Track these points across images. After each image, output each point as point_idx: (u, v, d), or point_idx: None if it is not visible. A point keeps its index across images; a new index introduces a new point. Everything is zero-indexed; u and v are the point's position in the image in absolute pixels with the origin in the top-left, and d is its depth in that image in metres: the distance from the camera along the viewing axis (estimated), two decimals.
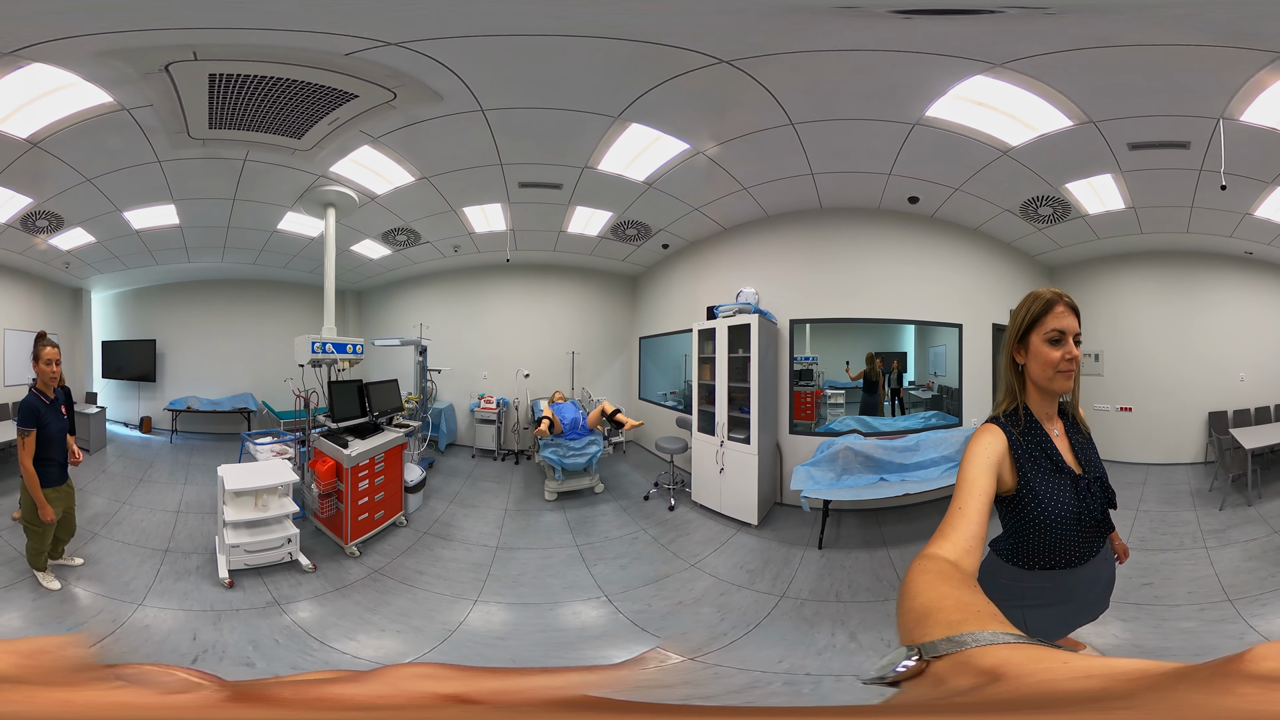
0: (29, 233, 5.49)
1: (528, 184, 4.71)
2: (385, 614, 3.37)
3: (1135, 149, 3.81)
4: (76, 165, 4.19)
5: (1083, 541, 1.40)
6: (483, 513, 5.13)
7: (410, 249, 6.52)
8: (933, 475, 4.59)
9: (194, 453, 6.74)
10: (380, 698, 0.27)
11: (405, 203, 5.19)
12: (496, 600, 3.49)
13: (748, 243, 5.67)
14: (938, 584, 0.64)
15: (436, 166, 4.46)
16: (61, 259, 6.26)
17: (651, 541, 4.45)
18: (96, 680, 0.27)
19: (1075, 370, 1.36)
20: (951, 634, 0.44)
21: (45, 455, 3.31)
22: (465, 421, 7.42)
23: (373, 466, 4.41)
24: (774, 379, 5.21)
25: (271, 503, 3.77)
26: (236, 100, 3.25)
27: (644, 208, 5.21)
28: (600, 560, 4.08)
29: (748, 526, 4.66)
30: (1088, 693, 0.29)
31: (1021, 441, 1.35)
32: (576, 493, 5.48)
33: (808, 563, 3.94)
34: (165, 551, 3.99)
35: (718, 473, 5.01)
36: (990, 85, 3.14)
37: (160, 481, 5.67)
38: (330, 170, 4.37)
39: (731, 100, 3.32)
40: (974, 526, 1.01)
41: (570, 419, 5.59)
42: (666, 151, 4.09)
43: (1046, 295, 1.37)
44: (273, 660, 2.87)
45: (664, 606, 3.39)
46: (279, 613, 3.29)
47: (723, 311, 5.10)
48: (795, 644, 2.91)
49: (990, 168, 4.17)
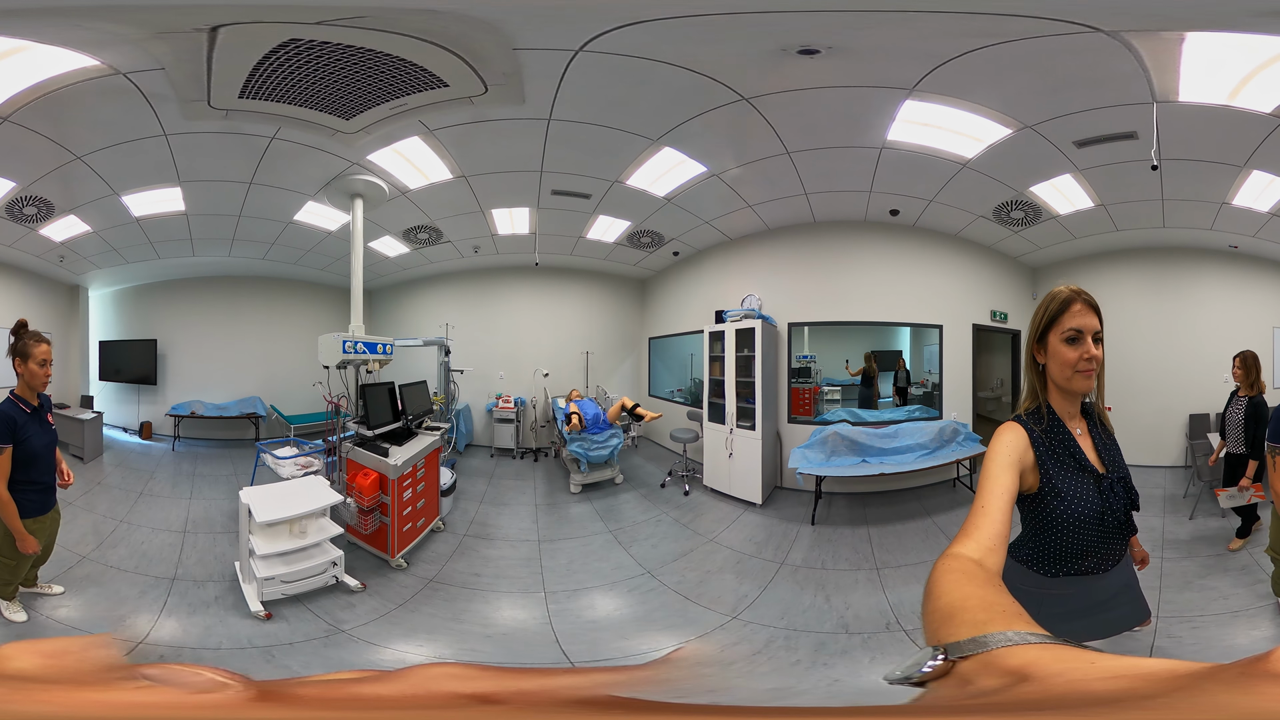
0: (16, 221, 4.55)
1: (560, 191, 4.58)
2: (470, 621, 2.97)
3: (1083, 146, 3.56)
4: (61, 141, 3.37)
5: (1105, 545, 1.28)
6: (515, 510, 4.84)
7: (429, 248, 5.88)
8: (907, 460, 4.87)
9: (199, 461, 5.83)
10: (406, 697, 0.26)
11: (436, 199, 4.69)
12: (562, 588, 3.40)
13: (750, 252, 5.72)
14: (963, 583, 0.59)
15: (478, 166, 4.15)
16: (55, 252, 5.28)
17: (673, 523, 4.53)
18: (121, 680, 0.25)
19: (1096, 369, 1.24)
20: (977, 634, 0.41)
21: (27, 477, 2.46)
22: (481, 422, 6.86)
23: (415, 474, 3.76)
24: (774, 375, 5.42)
25: (310, 528, 3.08)
26: (284, 67, 2.57)
27: (661, 219, 5.24)
28: (634, 542, 4.11)
29: (753, 506, 4.83)
30: (1114, 693, 0.27)
31: (1044, 439, 1.24)
32: (598, 484, 5.38)
33: (802, 536, 4.13)
34: (172, 580, 3.22)
35: (727, 457, 5.17)
36: (923, 108, 3.23)
37: (163, 495, 4.77)
38: (365, 158, 3.67)
39: (745, 131, 3.51)
40: (997, 525, 0.91)
41: (592, 414, 5.50)
42: (688, 172, 4.22)
43: (1064, 294, 1.25)
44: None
45: (696, 576, 3.55)
46: (348, 639, 2.69)
47: (730, 316, 5.33)
48: (790, 604, 3.13)
49: (956, 179, 4.18)
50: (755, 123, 3.36)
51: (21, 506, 2.43)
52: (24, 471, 2.44)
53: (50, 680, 0.25)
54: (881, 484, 4.93)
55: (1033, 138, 3.46)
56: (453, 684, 0.26)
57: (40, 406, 2.53)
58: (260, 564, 2.88)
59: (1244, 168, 3.77)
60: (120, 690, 0.24)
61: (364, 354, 3.94)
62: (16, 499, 2.42)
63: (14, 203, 4.25)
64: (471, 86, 2.85)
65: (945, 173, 4.08)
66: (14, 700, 0.23)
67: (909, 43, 2.61)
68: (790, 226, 5.32)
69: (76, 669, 0.26)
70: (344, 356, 3.79)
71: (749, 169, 4.12)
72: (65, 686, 0.24)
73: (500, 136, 3.56)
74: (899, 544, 3.85)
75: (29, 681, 0.25)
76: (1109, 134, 3.39)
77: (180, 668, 0.26)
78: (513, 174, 4.23)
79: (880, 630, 2.82)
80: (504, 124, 3.38)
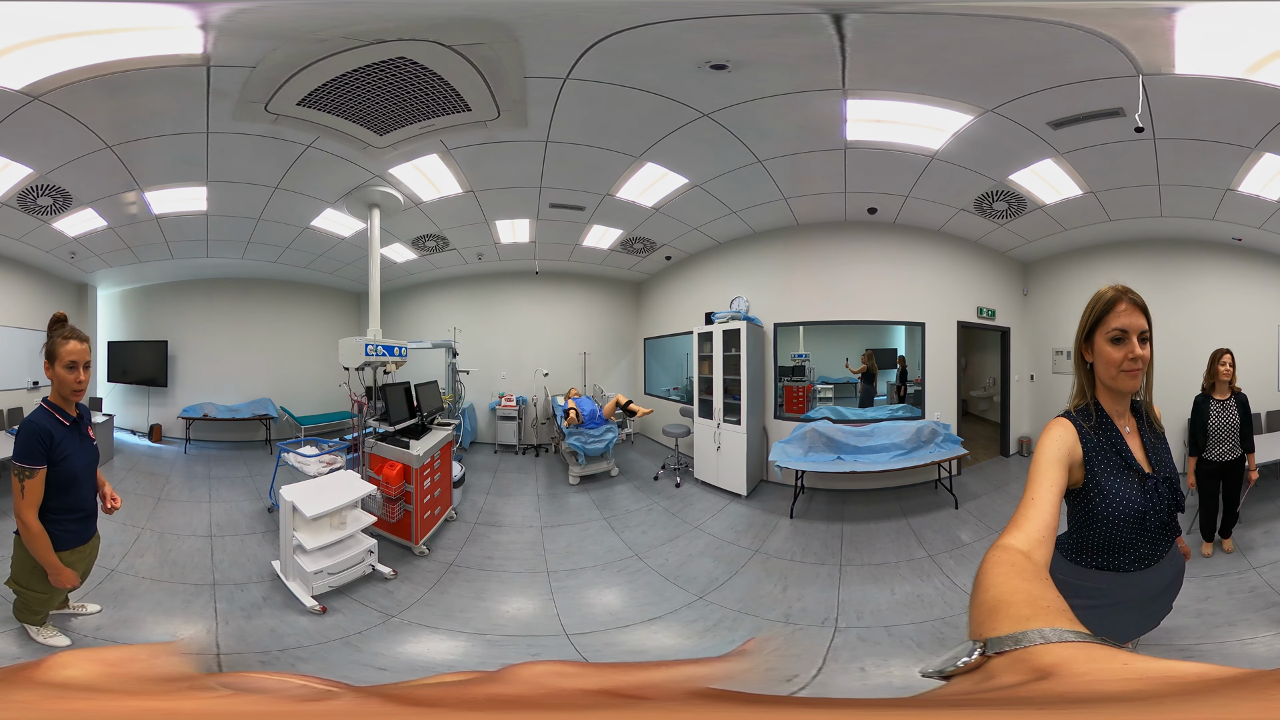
0: (28, 212, 4.31)
1: (557, 205, 4.86)
2: (491, 598, 3.24)
3: (1060, 126, 3.28)
4: (94, 127, 3.13)
5: (1145, 544, 1.28)
6: (519, 500, 5.11)
7: (435, 255, 6.11)
8: (881, 460, 4.91)
9: (212, 464, 5.87)
10: (546, 697, 0.25)
11: (446, 211, 4.95)
12: (562, 568, 3.68)
13: (739, 255, 5.87)
14: (1010, 576, 0.58)
15: (486, 182, 4.44)
16: (67, 247, 5.16)
17: (663, 512, 4.75)
18: (194, 690, 0.24)
19: (1141, 369, 1.24)
20: (1018, 629, 0.41)
21: (65, 504, 2.07)
22: (485, 420, 7.11)
23: (433, 465, 4.03)
24: (760, 373, 5.56)
25: (349, 518, 3.30)
26: (343, 82, 2.78)
27: (651, 227, 5.44)
28: (626, 528, 4.37)
29: (739, 497, 5.03)
30: (1129, 694, 0.26)
31: (1092, 436, 1.25)
32: (595, 476, 5.65)
33: (780, 528, 4.31)
34: (213, 585, 3.16)
35: (715, 450, 5.37)
36: (870, 105, 3.14)
37: (181, 500, 4.75)
38: (387, 171, 3.93)
39: (714, 144, 3.63)
40: (1046, 517, 0.92)
41: (589, 410, 5.78)
42: (671, 184, 4.44)
43: (1108, 295, 1.25)
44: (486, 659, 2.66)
45: (678, 559, 3.78)
46: (404, 625, 2.90)
47: (718, 318, 5.54)
48: (751, 590, 3.33)
49: (929, 173, 4.04)
50: (721, 135, 3.47)
51: (57, 538, 2.04)
52: (62, 496, 2.04)
53: (108, 690, 0.23)
54: (862, 481, 4.93)
55: (999, 122, 3.23)
56: (562, 681, 0.25)
57: (80, 418, 2.13)
58: (307, 559, 3.01)
59: (1255, 149, 3.38)
60: (204, 700, 0.22)
61: (383, 356, 4.19)
62: (52, 530, 2.02)
63: (27, 192, 3.94)
64: (488, 111, 3.14)
65: (915, 167, 3.96)
66: (68, 711, 0.21)
67: (806, 50, 2.58)
68: (774, 230, 5.44)
69: (141, 678, 0.25)
70: (365, 359, 4.05)
71: (728, 178, 4.24)
72: (122, 695, 0.22)
73: (506, 156, 3.84)
74: (869, 543, 3.94)
75: (84, 690, 0.23)
76: (1089, 112, 3.09)
77: (263, 676, 0.25)
78: (515, 189, 4.50)
79: (815, 624, 2.87)
80: (510, 145, 3.67)
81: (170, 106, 3.00)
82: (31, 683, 0.23)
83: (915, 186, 4.35)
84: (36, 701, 0.21)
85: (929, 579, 3.33)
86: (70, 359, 2.01)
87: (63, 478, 2.03)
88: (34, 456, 1.96)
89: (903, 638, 2.74)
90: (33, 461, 1.96)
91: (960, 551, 3.77)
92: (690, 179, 4.31)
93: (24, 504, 1.96)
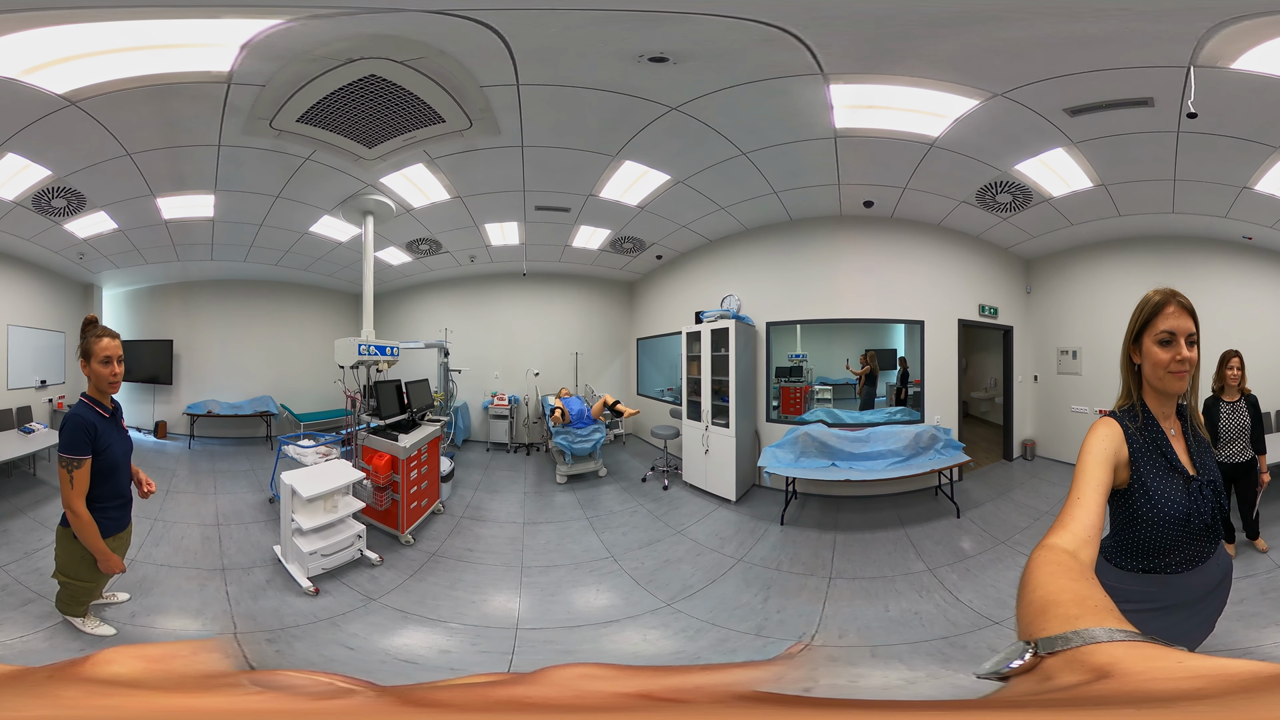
0: (41, 213, 4.52)
1: (542, 207, 4.95)
2: (464, 589, 3.33)
3: (1078, 114, 3.09)
4: (118, 134, 3.36)
5: (1188, 546, 1.27)
6: (506, 496, 5.23)
7: (429, 257, 6.35)
8: (877, 468, 4.64)
9: (216, 459, 6.14)
10: (572, 699, 0.25)
11: (436, 216, 5.17)
12: (536, 564, 3.74)
13: (731, 253, 5.79)
14: (1057, 576, 0.58)
15: (472, 188, 4.60)
16: (76, 248, 5.38)
17: (647, 515, 4.69)
18: (229, 686, 0.25)
19: (1189, 371, 1.26)
20: (1068, 629, 0.41)
21: (109, 491, 2.20)
22: (478, 419, 7.30)
23: (420, 457, 4.27)
24: (752, 374, 5.40)
25: (340, 503, 3.55)
26: (341, 99, 3.02)
27: (638, 225, 5.44)
28: (606, 529, 4.34)
29: (728, 502, 4.92)
30: (1188, 692, 0.26)
31: (1138, 437, 1.26)
32: (583, 476, 5.69)
33: (769, 535, 4.17)
34: (222, 570, 3.39)
35: (703, 454, 5.27)
36: (860, 90, 2.95)
37: (188, 492, 5.04)
38: (379, 180, 4.19)
39: (692, 138, 3.55)
40: (1092, 516, 0.93)
41: (576, 410, 5.82)
42: (654, 181, 4.41)
43: (1156, 298, 1.29)
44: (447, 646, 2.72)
45: (653, 564, 3.70)
46: (381, 608, 3.08)
47: (707, 318, 5.42)
48: (727, 600, 3.17)
49: (927, 162, 3.86)
50: (697, 129, 3.36)
51: (102, 525, 2.17)
52: (105, 484, 2.17)
53: (149, 685, 0.24)
54: (857, 488, 4.67)
55: (1010, 107, 3.03)
56: (598, 684, 0.25)
57: (116, 410, 2.29)
58: (302, 540, 3.26)
59: (1278, 149, 3.30)
60: (228, 696, 0.23)
61: (375, 355, 4.45)
62: (97, 517, 2.15)
63: (42, 193, 4.11)
64: (460, 121, 3.31)
65: (913, 156, 3.78)
66: (114, 708, 0.21)
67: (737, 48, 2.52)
68: (766, 226, 5.29)
69: (183, 674, 0.25)
70: (359, 358, 4.31)
71: (712, 172, 4.13)
72: (163, 692, 0.23)
73: (486, 162, 3.96)
74: (863, 555, 3.75)
75: (126, 686, 0.23)
76: (1116, 100, 2.87)
77: (290, 673, 0.26)
78: (500, 194, 4.62)
79: (789, 639, 2.72)
80: (488, 152, 3.78)
81: (190, 120, 3.21)
82: (79, 679, 0.24)
83: (913, 177, 4.15)
84: (84, 699, 0.22)
85: (929, 594, 3.11)
86: (105, 354, 2.16)
87: (105, 466, 2.17)
88: (80, 447, 2.09)
89: (890, 659, 2.54)
90: (79, 452, 2.09)
91: (963, 564, 3.53)
92: (672, 175, 4.28)
93: (73, 494, 2.08)
